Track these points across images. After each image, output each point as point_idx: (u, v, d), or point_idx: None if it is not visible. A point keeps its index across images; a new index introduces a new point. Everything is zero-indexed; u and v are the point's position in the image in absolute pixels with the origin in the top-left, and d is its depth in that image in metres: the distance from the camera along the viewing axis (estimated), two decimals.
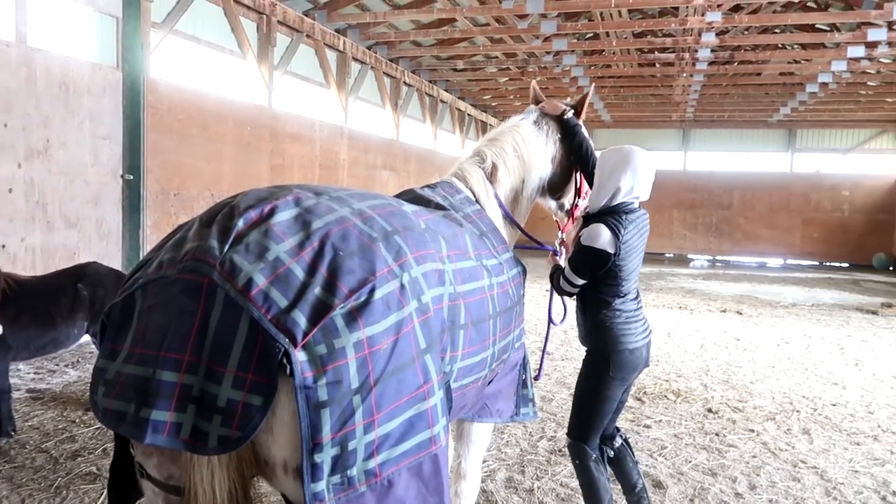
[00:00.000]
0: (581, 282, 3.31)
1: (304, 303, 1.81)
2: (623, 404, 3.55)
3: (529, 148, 3.42)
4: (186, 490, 1.88)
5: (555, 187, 3.63)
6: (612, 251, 3.15)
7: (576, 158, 3.55)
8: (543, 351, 3.79)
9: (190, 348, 1.79)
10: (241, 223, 1.95)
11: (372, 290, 1.89)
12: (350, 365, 1.80)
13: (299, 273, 1.86)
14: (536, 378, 3.75)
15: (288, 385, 1.76)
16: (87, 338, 5.47)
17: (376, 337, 1.86)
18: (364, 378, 1.82)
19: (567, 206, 3.70)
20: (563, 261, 3.59)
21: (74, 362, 6.95)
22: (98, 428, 5.10)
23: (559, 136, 3.55)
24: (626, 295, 3.30)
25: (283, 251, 1.89)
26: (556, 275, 3.47)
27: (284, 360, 1.74)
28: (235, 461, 1.88)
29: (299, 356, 1.75)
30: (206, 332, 1.79)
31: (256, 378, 1.75)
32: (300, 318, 1.78)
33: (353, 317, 1.83)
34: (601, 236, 3.16)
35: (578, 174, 3.62)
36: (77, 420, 5.29)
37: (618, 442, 3.59)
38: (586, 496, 3.51)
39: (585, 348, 3.47)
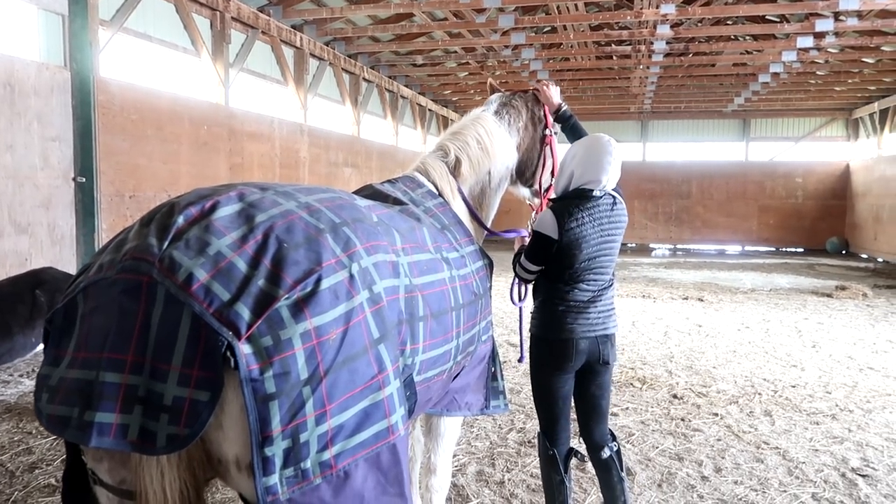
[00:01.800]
0: (534, 268, 3.26)
1: (248, 295, 1.78)
2: (595, 407, 3.39)
3: (493, 139, 3.41)
4: (137, 493, 1.83)
5: (524, 174, 3.64)
6: (555, 237, 3.10)
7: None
8: (521, 334, 3.80)
9: (133, 348, 1.75)
10: (181, 220, 1.92)
11: (318, 280, 1.86)
12: (297, 356, 1.77)
13: (242, 266, 1.83)
14: (520, 361, 3.74)
15: (234, 379, 1.73)
16: (42, 346, 5.29)
17: (324, 327, 1.83)
18: (313, 369, 1.79)
19: (540, 190, 3.70)
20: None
21: (29, 372, 6.72)
22: (56, 439, 4.94)
23: (520, 124, 3.56)
24: (574, 284, 3.19)
25: (225, 245, 1.86)
26: (516, 258, 3.42)
27: (229, 354, 1.71)
28: (186, 461, 1.84)
29: (244, 349, 1.72)
30: (148, 331, 1.76)
31: (202, 373, 1.72)
32: (243, 311, 1.75)
33: (298, 307, 1.80)
34: (545, 221, 3.15)
35: (551, 155, 3.62)
36: (34, 431, 5.12)
37: (605, 453, 3.37)
38: (543, 489, 3.51)
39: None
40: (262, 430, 1.72)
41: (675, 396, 6.26)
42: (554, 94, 3.60)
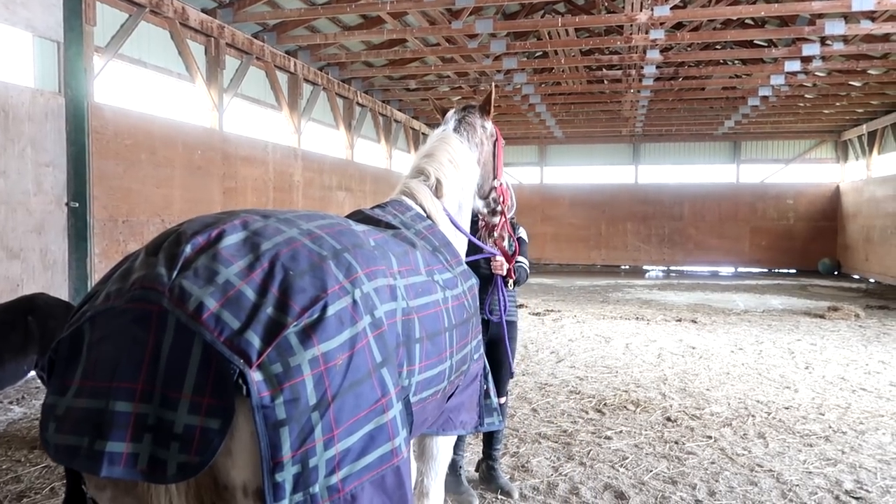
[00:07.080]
0: None
1: (257, 323, 1.81)
2: None
3: (461, 156, 3.50)
4: None
5: (483, 188, 3.71)
6: None
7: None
8: (507, 349, 3.90)
9: (143, 377, 1.77)
10: (188, 249, 1.93)
11: (324, 307, 1.90)
12: (307, 382, 1.80)
13: (250, 294, 1.86)
14: (511, 376, 4.20)
15: (245, 406, 1.75)
16: (33, 372, 5.24)
17: (331, 353, 1.86)
18: (321, 394, 1.82)
19: (494, 205, 3.74)
20: (503, 267, 4.07)
21: (19, 398, 6.67)
22: (45, 467, 4.89)
23: (477, 139, 3.64)
24: None
25: (233, 274, 1.89)
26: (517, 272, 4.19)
27: (240, 381, 1.73)
28: (194, 488, 1.85)
29: (255, 376, 1.74)
30: (158, 360, 1.77)
31: (213, 401, 1.73)
32: (254, 339, 1.78)
33: (306, 334, 1.84)
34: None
35: (495, 162, 3.72)
36: (23, 459, 5.07)
37: None
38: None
39: (508, 318, 4.40)
40: (272, 456, 1.75)
41: (668, 419, 6.25)
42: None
